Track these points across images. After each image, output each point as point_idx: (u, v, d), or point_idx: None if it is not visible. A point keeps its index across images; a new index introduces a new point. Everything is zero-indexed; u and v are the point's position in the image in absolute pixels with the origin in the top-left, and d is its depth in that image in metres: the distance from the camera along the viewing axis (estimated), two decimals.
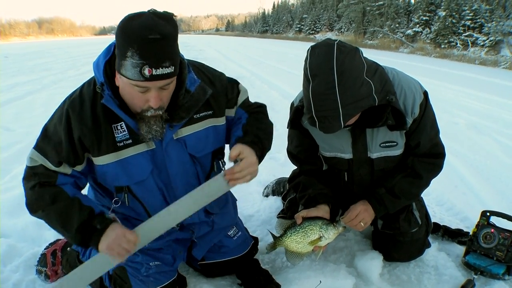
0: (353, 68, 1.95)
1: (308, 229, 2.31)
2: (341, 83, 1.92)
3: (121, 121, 1.95)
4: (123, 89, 1.84)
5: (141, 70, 1.68)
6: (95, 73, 1.93)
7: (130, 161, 2.00)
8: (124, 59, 1.69)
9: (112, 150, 1.96)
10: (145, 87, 1.75)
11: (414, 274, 2.61)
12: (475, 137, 6.00)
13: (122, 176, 2.02)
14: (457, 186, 4.12)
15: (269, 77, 12.67)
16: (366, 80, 2.01)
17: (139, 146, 2.00)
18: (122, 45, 1.70)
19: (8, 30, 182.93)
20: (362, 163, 2.46)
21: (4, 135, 5.98)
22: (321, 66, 1.95)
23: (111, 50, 1.89)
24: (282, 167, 4.35)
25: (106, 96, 1.85)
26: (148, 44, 1.66)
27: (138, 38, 1.65)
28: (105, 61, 1.89)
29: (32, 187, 1.96)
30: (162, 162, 2.07)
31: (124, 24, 1.70)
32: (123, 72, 1.73)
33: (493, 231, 2.61)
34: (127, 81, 1.75)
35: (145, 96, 1.79)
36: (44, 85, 11.38)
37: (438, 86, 10.72)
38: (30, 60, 21.42)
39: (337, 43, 1.98)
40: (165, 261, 2.26)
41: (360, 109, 2.04)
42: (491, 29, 23.61)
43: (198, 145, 2.16)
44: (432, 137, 2.39)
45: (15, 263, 2.64)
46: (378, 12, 39.00)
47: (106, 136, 1.94)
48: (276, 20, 77.66)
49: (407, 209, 2.58)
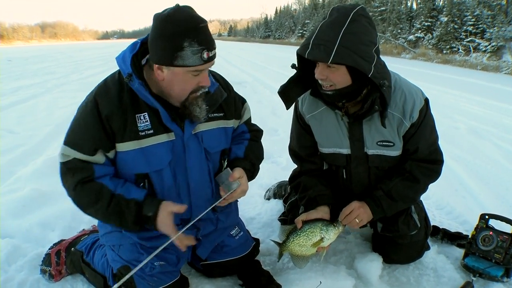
0: (366, 30, 2.08)
1: (309, 232, 2.34)
2: (350, 27, 2.03)
3: (143, 112, 2.06)
4: (172, 80, 1.99)
5: (201, 55, 1.90)
6: (120, 66, 2.05)
7: (151, 150, 2.08)
8: (181, 50, 1.87)
9: (134, 138, 2.05)
10: (201, 70, 1.98)
11: (413, 276, 2.63)
12: (475, 141, 6.03)
13: (142, 164, 2.08)
14: (457, 190, 4.14)
15: (271, 82, 12.68)
16: (372, 51, 2.09)
17: (160, 137, 2.09)
18: (175, 39, 1.87)
19: (12, 34, 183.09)
20: (360, 159, 2.50)
21: (8, 138, 6.02)
22: (341, 9, 2.09)
23: (137, 46, 2.06)
24: (284, 170, 4.37)
25: (137, 84, 1.98)
26: (201, 32, 1.90)
27: (192, 28, 1.87)
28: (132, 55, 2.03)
29: (74, 187, 2.00)
30: (180, 154, 2.17)
31: (169, 20, 1.87)
32: (180, 62, 1.90)
33: (491, 234, 2.64)
34: (183, 69, 1.93)
35: (196, 79, 2.00)
36: (47, 89, 11.41)
37: (439, 92, 10.75)
38: (33, 64, 21.49)
39: (363, 7, 2.13)
40: (169, 261, 2.28)
41: (353, 62, 2.05)
42: (493, 34, 23.67)
43: (212, 141, 2.29)
44: (431, 143, 2.43)
45: (20, 263, 2.66)
46: (380, 18, 39.03)
47: (130, 123, 2.04)
48: (279, 26, 77.78)
49: (406, 212, 2.60)
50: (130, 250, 2.20)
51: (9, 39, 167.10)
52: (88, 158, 2.00)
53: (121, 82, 2.06)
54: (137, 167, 2.09)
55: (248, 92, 10.59)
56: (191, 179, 2.24)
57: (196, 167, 2.24)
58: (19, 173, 4.32)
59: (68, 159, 2.01)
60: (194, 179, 2.25)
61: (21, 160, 4.90)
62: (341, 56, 2.02)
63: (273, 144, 5.46)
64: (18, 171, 4.44)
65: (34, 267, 2.61)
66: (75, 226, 3.11)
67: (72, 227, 3.10)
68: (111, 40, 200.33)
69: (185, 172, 2.21)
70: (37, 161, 4.52)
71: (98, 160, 2.03)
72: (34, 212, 3.35)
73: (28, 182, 3.92)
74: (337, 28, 2.03)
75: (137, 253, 2.23)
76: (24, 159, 4.93)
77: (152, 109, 2.06)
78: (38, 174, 4.12)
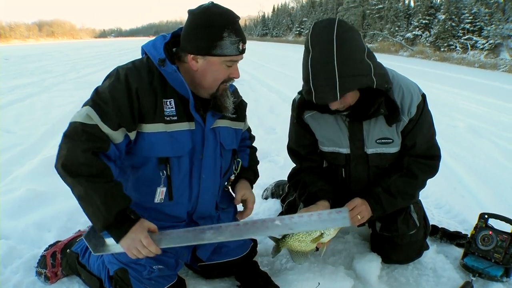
0: (353, 43, 2.00)
1: None
2: (339, 54, 1.95)
3: (170, 98, 2.11)
4: (206, 70, 2.09)
5: (238, 46, 2.05)
6: (150, 52, 2.13)
7: (175, 136, 2.12)
8: (220, 40, 2.00)
9: (162, 121, 2.08)
10: (236, 60, 2.11)
11: (412, 276, 2.62)
12: (474, 140, 6.02)
13: (167, 147, 2.10)
14: (455, 189, 4.13)
15: (269, 80, 12.70)
16: (366, 60, 2.05)
17: (183, 124, 2.14)
18: (215, 29, 1.99)
19: (9, 32, 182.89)
20: (359, 159, 2.48)
21: (5, 137, 5.98)
22: (321, 37, 2.00)
23: (168, 37, 2.16)
24: (282, 169, 4.35)
25: (171, 69, 2.06)
26: (237, 25, 2.06)
27: (230, 21, 2.03)
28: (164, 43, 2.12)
29: (86, 150, 1.88)
30: (199, 144, 2.23)
31: (209, 13, 2.02)
32: (218, 52, 2.02)
33: (491, 233, 2.62)
34: (220, 59, 2.05)
35: (228, 71, 2.12)
36: (45, 88, 11.36)
37: (437, 89, 10.75)
38: (30, 63, 21.41)
39: (339, 19, 2.05)
40: (168, 265, 2.26)
41: (358, 85, 2.06)
42: (491, 32, 23.69)
43: (227, 138, 2.38)
44: (428, 138, 2.41)
45: (15, 265, 2.63)
46: (377, 16, 39.09)
47: (159, 105, 2.08)
48: (276, 23, 77.90)
49: (405, 211, 2.59)
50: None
51: (6, 38, 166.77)
52: (109, 131, 1.94)
53: (149, 66, 2.11)
54: (162, 150, 2.10)
55: (245, 90, 10.59)
56: (204, 171, 2.27)
57: (211, 160, 2.30)
58: (16, 173, 4.29)
59: (91, 122, 1.92)
60: (207, 171, 2.29)
61: (17, 160, 4.87)
62: (346, 87, 2.01)
63: (271, 143, 5.44)
64: (14, 171, 4.41)
65: (30, 268, 2.59)
66: (71, 226, 3.09)
67: (68, 227, 3.07)
68: (109, 39, 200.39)
69: (200, 163, 2.25)
70: (33, 161, 4.49)
71: (117, 137, 1.97)
72: (30, 212, 3.32)
73: (24, 182, 3.89)
74: (329, 63, 1.97)
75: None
76: (21, 159, 4.90)
77: (179, 96, 2.13)
78: (35, 174, 4.09)
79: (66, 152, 1.89)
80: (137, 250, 1.98)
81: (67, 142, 1.91)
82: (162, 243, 2.06)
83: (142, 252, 1.98)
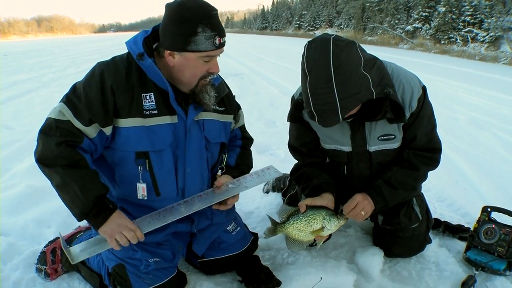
0: (349, 62, 1.95)
1: (311, 218, 2.29)
2: (338, 77, 1.91)
3: (150, 91, 2.09)
4: (183, 66, 2.05)
5: (213, 41, 1.99)
6: (130, 47, 2.10)
7: (154, 130, 2.09)
8: (194, 35, 1.95)
9: (140, 115, 2.06)
10: (213, 55, 2.06)
11: (415, 270, 2.60)
12: (475, 132, 6.00)
13: (145, 141, 2.08)
14: (457, 182, 4.11)
15: (268, 73, 12.67)
16: (363, 74, 2.00)
17: (164, 118, 2.11)
18: (189, 25, 1.94)
19: (7, 28, 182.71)
20: (361, 156, 2.46)
21: (4, 133, 5.96)
22: (317, 60, 1.95)
23: (149, 32, 2.12)
24: (282, 163, 4.32)
25: (148, 62, 2.02)
26: (213, 19, 1.99)
27: (205, 15, 1.96)
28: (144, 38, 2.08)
29: (59, 143, 1.94)
30: (182, 138, 2.19)
31: (183, 8, 1.95)
32: (193, 48, 1.97)
33: (494, 227, 2.61)
34: (195, 55, 2.00)
35: (207, 66, 2.07)
36: (44, 83, 11.35)
37: (438, 82, 10.73)
38: (29, 58, 21.37)
39: (333, 37, 1.98)
40: (164, 257, 2.25)
41: (358, 103, 2.04)
42: (491, 24, 23.62)
43: (213, 131, 2.33)
44: (428, 131, 2.39)
45: (15, 261, 2.62)
46: (377, 8, 38.99)
47: (137, 100, 2.06)
48: (276, 17, 77.79)
49: (407, 204, 2.57)
50: (124, 247, 2.16)
51: (5, 34, 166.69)
52: (81, 127, 1.98)
53: (129, 62, 2.09)
54: (139, 145, 2.08)
55: (245, 83, 10.58)
56: (189, 164, 2.24)
57: (196, 154, 2.26)
58: (15, 169, 4.28)
59: (63, 118, 1.98)
60: (192, 165, 2.26)
61: (17, 156, 4.86)
62: (347, 107, 2.00)
63: (271, 136, 5.43)
64: (13, 167, 4.40)
65: (30, 265, 2.57)
66: (71, 222, 3.06)
67: (68, 223, 3.05)
68: (108, 34, 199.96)
69: (184, 157, 2.22)
70: (32, 157, 4.45)
71: (90, 132, 2.00)
72: (29, 209, 3.32)
73: (24, 179, 3.89)
74: (328, 88, 1.93)
75: (131, 250, 2.19)
76: (20, 155, 4.88)
77: (159, 89, 2.09)
78: (34, 170, 4.04)
79: (42, 146, 1.99)
80: (121, 235, 2.00)
81: (43, 137, 2.01)
82: (142, 228, 2.09)
83: (127, 235, 2.01)
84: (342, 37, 2.03)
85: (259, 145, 4.86)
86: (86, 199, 1.95)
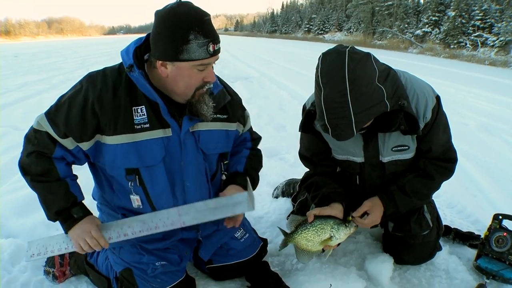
0: (364, 76, 1.93)
1: (319, 228, 2.29)
2: (353, 91, 1.89)
3: (141, 105, 2.00)
4: (176, 76, 1.93)
5: (207, 48, 1.86)
6: (123, 58, 2.01)
7: (144, 145, 2.02)
8: (186, 43, 1.82)
9: (129, 131, 1.99)
10: (207, 63, 1.93)
11: (425, 278, 2.58)
12: (486, 138, 5.95)
13: (133, 158, 2.02)
14: (467, 188, 4.08)
15: (278, 77, 12.66)
16: (378, 86, 1.98)
17: (156, 132, 2.03)
18: (180, 32, 1.82)
19: (18, 29, 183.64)
20: (374, 167, 2.44)
21: (13, 135, 5.99)
22: (332, 74, 1.93)
23: (142, 40, 2.02)
24: (292, 168, 4.32)
25: (136, 74, 1.94)
26: (205, 25, 1.86)
27: (197, 21, 1.83)
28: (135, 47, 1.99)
29: (30, 153, 2.03)
30: (176, 151, 2.10)
31: (173, 15, 1.83)
32: (186, 56, 1.85)
33: (505, 235, 2.58)
34: (189, 64, 1.88)
35: (202, 75, 1.95)
36: (53, 85, 11.42)
37: (447, 87, 10.66)
38: (39, 60, 21.53)
39: (349, 50, 1.95)
40: (171, 261, 2.24)
41: (373, 116, 2.02)
42: (501, 29, 23.48)
43: (209, 142, 2.21)
44: (444, 142, 2.36)
45: (23, 264, 2.63)
46: (387, 12, 38.93)
47: (125, 116, 1.98)
48: (285, 20, 77.78)
49: (418, 211, 2.55)
50: (131, 252, 2.16)
51: (15, 35, 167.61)
52: (58, 138, 2.01)
53: (120, 73, 2.03)
54: (128, 161, 2.03)
55: (255, 87, 10.57)
56: (187, 178, 2.17)
57: (193, 166, 2.17)
58: None
59: (41, 129, 2.02)
60: (190, 178, 2.18)
61: None
62: (362, 120, 1.98)
63: (281, 140, 5.41)
64: None
65: (38, 267, 2.58)
66: None
67: None
68: (118, 35, 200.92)
69: (181, 171, 2.15)
70: None
71: (66, 144, 2.02)
72: (38, 211, 3.25)
73: None
74: (343, 102, 1.91)
75: (138, 254, 2.19)
76: None
77: (150, 102, 2.01)
78: None
79: (21, 153, 2.11)
80: (84, 241, 2.02)
81: (24, 144, 2.11)
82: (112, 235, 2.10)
83: (90, 243, 2.02)
84: (357, 49, 2.00)
85: (268, 150, 4.85)
86: (48, 212, 2.07)
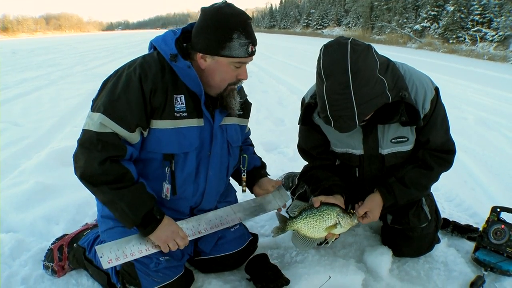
0: (366, 67, 1.94)
1: (325, 213, 2.29)
2: (355, 83, 1.90)
3: (181, 93, 2.12)
4: (214, 69, 2.10)
5: (247, 48, 2.04)
6: (160, 47, 2.12)
7: (184, 132, 2.12)
8: (229, 41, 2.00)
9: (171, 117, 2.09)
10: (244, 62, 2.11)
11: (423, 270, 2.59)
12: (484, 132, 5.97)
13: (174, 144, 2.11)
14: (466, 182, 4.10)
15: (277, 72, 12.66)
16: (379, 78, 1.99)
17: (192, 120, 2.15)
18: (225, 30, 1.99)
19: (16, 26, 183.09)
20: (373, 159, 2.45)
21: (13, 130, 5.99)
22: (334, 66, 1.93)
23: (178, 33, 2.16)
24: (291, 161, 4.33)
25: (184, 64, 2.06)
26: (248, 27, 2.05)
27: (242, 22, 2.02)
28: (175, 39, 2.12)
29: (103, 161, 1.93)
30: (206, 141, 2.25)
31: (220, 13, 2.01)
32: (227, 53, 2.02)
33: (503, 227, 2.59)
34: (228, 60, 2.05)
35: (236, 72, 2.13)
36: (52, 81, 11.38)
37: (446, 82, 10.67)
38: (37, 56, 21.44)
39: (350, 41, 1.96)
40: (174, 256, 2.25)
41: (375, 107, 2.03)
42: (500, 24, 23.44)
43: (234, 135, 2.40)
44: (442, 133, 2.37)
45: (24, 258, 2.63)
46: (386, 7, 38.85)
47: (169, 102, 2.08)
48: (284, 15, 77.69)
49: (417, 204, 2.56)
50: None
51: (13, 32, 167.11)
52: (126, 134, 1.99)
53: (161, 62, 2.10)
54: (169, 147, 2.11)
55: (254, 82, 10.57)
56: (211, 167, 2.30)
57: (218, 157, 2.32)
58: (23, 166, 4.29)
59: (105, 130, 1.95)
60: (214, 168, 2.31)
61: (25, 153, 4.88)
62: (364, 112, 2.00)
63: (280, 135, 5.41)
64: (22, 164, 4.41)
65: (39, 262, 2.58)
66: (79, 219, 3.09)
67: (77, 220, 3.08)
68: (116, 31, 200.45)
69: (208, 160, 2.27)
70: (41, 154, 4.49)
71: (134, 138, 2.03)
72: (38, 205, 3.32)
73: (32, 175, 3.89)
74: (345, 94, 1.93)
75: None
76: (28, 152, 4.90)
77: (190, 92, 2.13)
78: (42, 167, 4.09)
79: (84, 163, 1.95)
80: (174, 242, 2.11)
81: (84, 152, 1.97)
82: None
83: (179, 243, 2.12)
84: (359, 41, 2.01)
85: (267, 144, 4.89)
86: (135, 216, 2.01)
